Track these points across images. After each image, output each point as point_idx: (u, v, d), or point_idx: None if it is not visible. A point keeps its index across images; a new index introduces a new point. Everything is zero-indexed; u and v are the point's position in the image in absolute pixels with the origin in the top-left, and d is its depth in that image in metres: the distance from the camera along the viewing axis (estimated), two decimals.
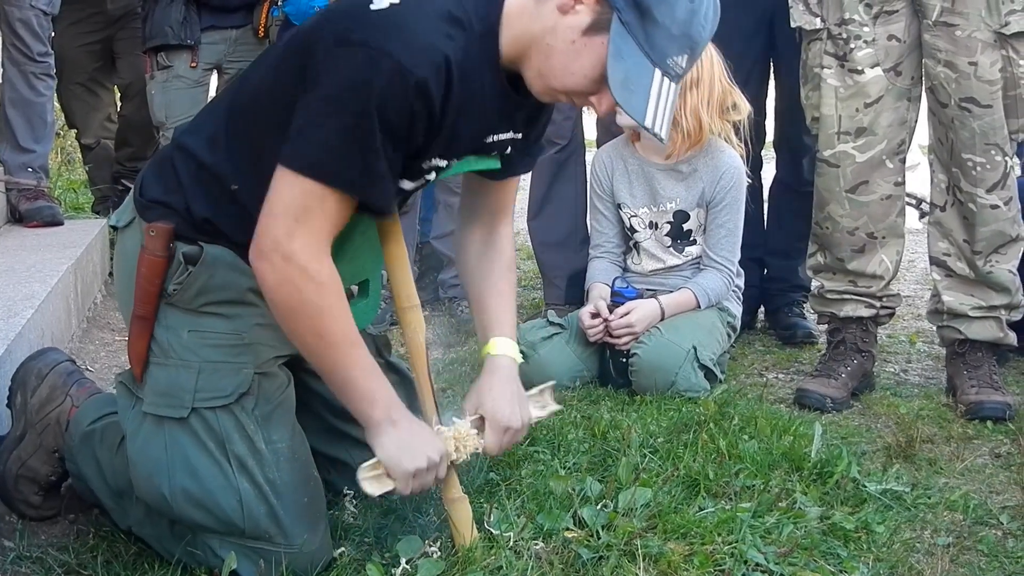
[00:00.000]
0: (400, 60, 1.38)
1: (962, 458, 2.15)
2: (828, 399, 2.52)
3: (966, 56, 2.39)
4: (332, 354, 1.50)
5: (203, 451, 1.53)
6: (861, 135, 2.52)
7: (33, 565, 1.62)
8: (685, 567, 1.57)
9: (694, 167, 2.75)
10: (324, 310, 1.47)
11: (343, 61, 1.41)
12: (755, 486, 1.88)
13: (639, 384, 2.56)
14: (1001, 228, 2.49)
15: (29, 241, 3.27)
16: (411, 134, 1.45)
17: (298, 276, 1.44)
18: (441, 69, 1.42)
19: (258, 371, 1.58)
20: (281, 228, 1.44)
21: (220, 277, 1.56)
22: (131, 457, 1.58)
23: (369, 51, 1.39)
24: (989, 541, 1.75)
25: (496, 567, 1.55)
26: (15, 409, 1.78)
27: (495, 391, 1.67)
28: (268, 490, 1.54)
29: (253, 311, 1.58)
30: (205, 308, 1.57)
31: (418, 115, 1.43)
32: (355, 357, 1.51)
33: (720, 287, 2.74)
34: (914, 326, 3.38)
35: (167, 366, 1.56)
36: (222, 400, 1.54)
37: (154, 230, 1.55)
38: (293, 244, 1.43)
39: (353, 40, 1.40)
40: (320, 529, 1.59)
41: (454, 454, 1.60)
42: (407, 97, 1.40)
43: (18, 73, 3.63)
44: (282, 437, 1.59)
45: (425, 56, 1.41)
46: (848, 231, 2.59)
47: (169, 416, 1.54)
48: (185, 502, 1.53)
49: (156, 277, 1.55)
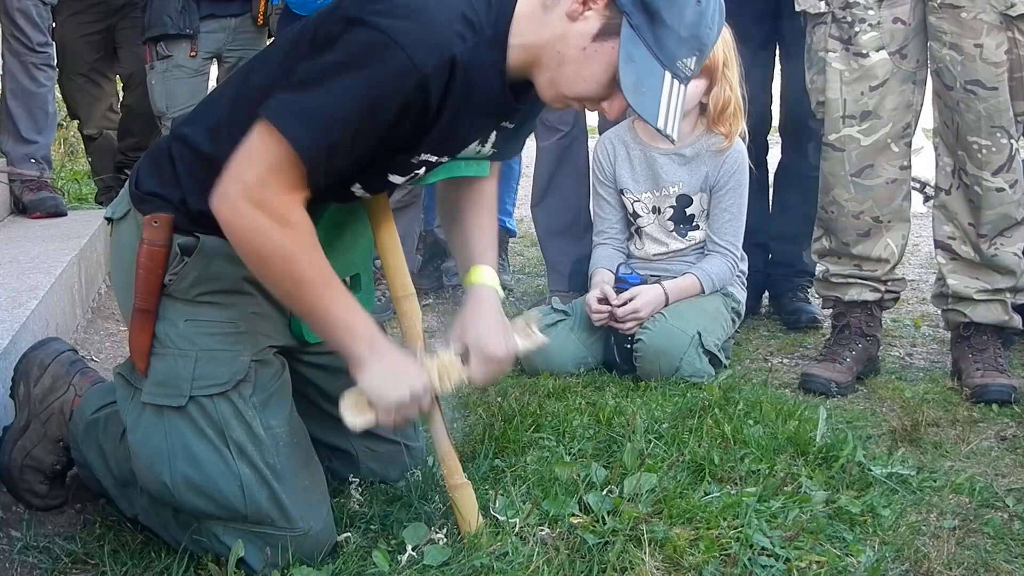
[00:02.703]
0: (408, 52, 1.38)
1: (967, 441, 2.15)
2: (833, 383, 2.51)
3: (971, 38, 2.37)
4: (309, 296, 1.48)
5: (202, 438, 1.54)
6: (866, 119, 2.51)
7: (40, 555, 1.63)
8: (691, 552, 1.57)
9: (697, 151, 2.74)
10: (296, 254, 1.45)
11: (354, 36, 1.40)
12: (760, 471, 1.88)
13: (644, 370, 2.56)
14: (1006, 211, 2.48)
15: (33, 232, 3.28)
16: (399, 125, 1.44)
17: (267, 222, 1.42)
18: (446, 68, 1.42)
19: (254, 359, 1.59)
20: (253, 176, 1.42)
21: (216, 267, 1.56)
22: (132, 448, 1.58)
23: (382, 35, 1.38)
24: (995, 524, 1.75)
25: (502, 553, 1.55)
26: (18, 399, 1.78)
27: (479, 321, 1.65)
28: (268, 474, 1.54)
29: (249, 300, 1.59)
30: (201, 298, 1.57)
31: (412, 108, 1.42)
32: (332, 295, 1.50)
33: (724, 272, 2.74)
34: (919, 310, 3.38)
35: (164, 356, 1.56)
36: (220, 387, 1.55)
37: (157, 220, 1.54)
38: (265, 192, 1.42)
39: (369, 21, 1.40)
40: (323, 512, 1.60)
41: (438, 384, 1.58)
42: (405, 89, 1.40)
43: (18, 64, 3.63)
44: (280, 423, 1.59)
45: (434, 52, 1.40)
46: (853, 215, 2.58)
47: (168, 405, 1.55)
48: (187, 490, 1.53)
49: (158, 267, 1.55)
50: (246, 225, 1.43)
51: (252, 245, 1.45)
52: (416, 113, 1.43)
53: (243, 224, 1.43)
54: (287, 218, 1.43)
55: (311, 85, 1.41)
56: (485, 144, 1.61)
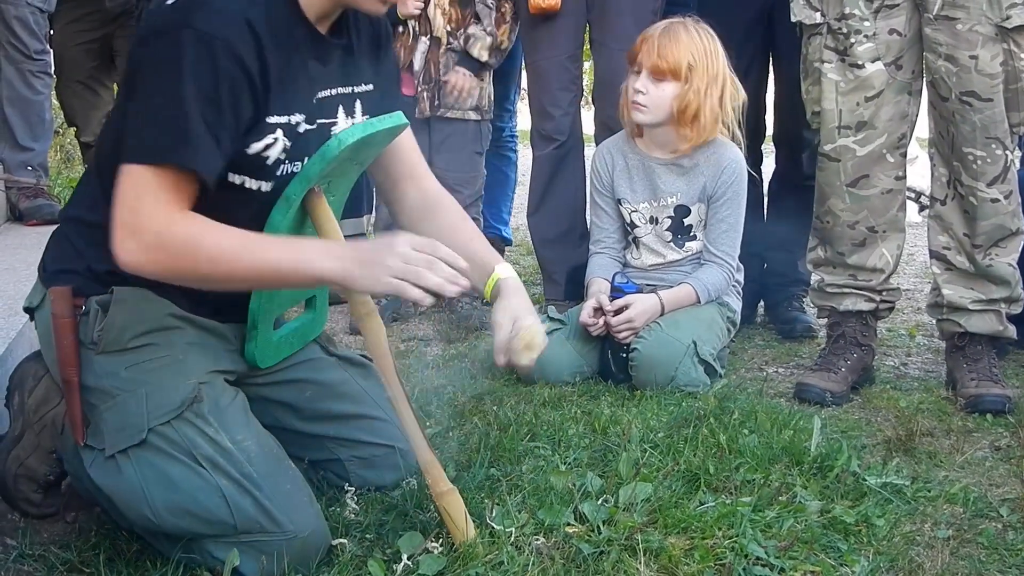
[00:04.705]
0: (201, 29, 1.42)
1: (962, 451, 2.15)
2: (828, 393, 2.52)
3: (967, 50, 2.38)
4: (244, 266, 1.47)
5: (173, 461, 1.53)
6: (862, 129, 2.52)
7: (35, 563, 1.62)
8: (686, 561, 1.57)
9: (695, 161, 2.75)
10: (201, 240, 1.45)
11: (150, 52, 1.46)
12: (755, 480, 1.89)
13: (639, 379, 2.56)
14: (1001, 222, 2.49)
15: (29, 239, 3.27)
16: (232, 95, 1.45)
17: (156, 244, 1.44)
18: (244, 29, 1.45)
19: (201, 381, 1.60)
20: (126, 215, 1.44)
21: (138, 310, 1.59)
22: (109, 498, 1.57)
23: (171, 35, 1.43)
24: (989, 534, 1.75)
25: (497, 562, 1.55)
26: (13, 409, 1.78)
27: (524, 306, 1.69)
28: (247, 484, 1.53)
29: (180, 333, 1.62)
30: (134, 342, 1.59)
31: (229, 73, 1.44)
32: (262, 249, 1.48)
33: (720, 282, 2.74)
34: (914, 319, 3.38)
35: (114, 406, 1.57)
36: (174, 412, 1.55)
37: (53, 294, 1.59)
38: (139, 221, 1.43)
39: (156, 33, 1.45)
40: (311, 513, 1.59)
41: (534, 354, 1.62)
42: (214, 59, 1.43)
43: (15, 72, 3.63)
44: (246, 436, 1.59)
45: (226, 21, 1.44)
46: (849, 225, 2.59)
47: (130, 445, 1.54)
48: (170, 515, 1.52)
49: (71, 333, 1.58)
50: (145, 258, 1.45)
51: (167, 267, 1.46)
52: (239, 77, 1.46)
53: (142, 258, 1.45)
54: (169, 224, 1.44)
55: (139, 111, 1.46)
56: (353, 114, 1.65)
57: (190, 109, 1.42)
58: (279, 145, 1.55)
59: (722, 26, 2.69)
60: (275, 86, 1.51)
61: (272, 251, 1.49)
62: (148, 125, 1.45)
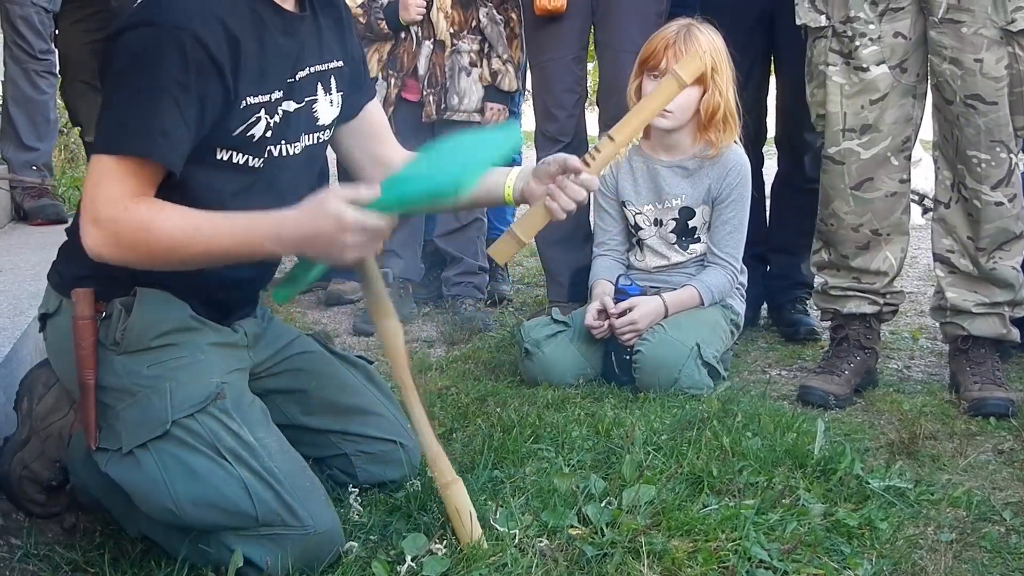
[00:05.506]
0: (165, 22, 1.46)
1: (965, 454, 2.15)
2: (831, 396, 2.52)
3: (972, 53, 2.39)
4: (197, 251, 1.49)
5: (195, 453, 1.54)
6: (866, 132, 2.52)
7: (40, 562, 1.63)
8: (689, 564, 1.58)
9: (700, 163, 2.75)
10: (153, 235, 1.47)
11: (119, 50, 1.49)
12: (759, 483, 1.89)
13: (643, 381, 2.56)
14: (1005, 225, 2.49)
15: (34, 239, 3.28)
16: (200, 84, 1.48)
17: (113, 231, 1.47)
18: (207, 18, 1.49)
19: (223, 381, 1.61)
20: (87, 203, 1.48)
21: (160, 312, 1.62)
22: (130, 493, 1.57)
23: (137, 31, 1.47)
24: (992, 537, 1.75)
25: (501, 564, 1.56)
26: (21, 413, 1.78)
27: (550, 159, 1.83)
28: (269, 478, 1.54)
29: (201, 334, 1.64)
30: (156, 342, 1.61)
31: (196, 62, 1.47)
32: (214, 233, 1.50)
33: (724, 284, 2.75)
34: (917, 322, 3.38)
35: (135, 403, 1.58)
36: (198, 405, 1.56)
37: (76, 295, 1.60)
38: (97, 209, 1.47)
39: (122, 30, 1.49)
40: (330, 512, 1.61)
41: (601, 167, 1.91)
42: (179, 50, 1.45)
43: (20, 71, 3.63)
44: (267, 434, 1.61)
45: (188, 12, 1.48)
46: (853, 228, 2.59)
47: (152, 438, 1.55)
48: (192, 507, 1.53)
49: (90, 336, 1.60)
50: (104, 244, 1.48)
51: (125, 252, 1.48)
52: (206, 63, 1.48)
53: (103, 245, 1.48)
54: (123, 210, 1.46)
55: (106, 104, 1.50)
56: (330, 90, 1.71)
57: (152, 100, 1.46)
58: (262, 123, 1.58)
59: (724, 28, 2.69)
60: (248, 67, 1.54)
61: (223, 237, 1.50)
62: (112, 117, 1.49)
